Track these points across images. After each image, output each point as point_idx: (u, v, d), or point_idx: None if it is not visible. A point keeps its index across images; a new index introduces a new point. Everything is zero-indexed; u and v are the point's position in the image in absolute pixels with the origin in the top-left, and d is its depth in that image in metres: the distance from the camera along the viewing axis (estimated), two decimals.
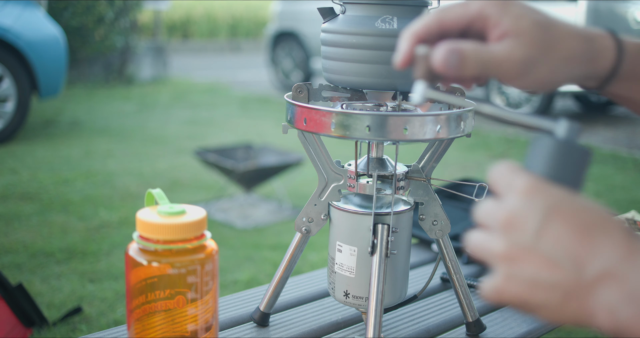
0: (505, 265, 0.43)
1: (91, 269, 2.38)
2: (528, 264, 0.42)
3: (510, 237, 0.43)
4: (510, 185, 0.44)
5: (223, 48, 13.08)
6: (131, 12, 7.51)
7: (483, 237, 0.45)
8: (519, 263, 0.42)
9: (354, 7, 0.82)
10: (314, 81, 7.19)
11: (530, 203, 0.43)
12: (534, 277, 0.42)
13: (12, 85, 4.28)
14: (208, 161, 3.15)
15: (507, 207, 0.43)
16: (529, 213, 0.42)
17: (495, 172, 0.46)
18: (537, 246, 0.42)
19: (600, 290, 0.41)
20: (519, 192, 0.43)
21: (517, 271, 0.43)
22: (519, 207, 0.43)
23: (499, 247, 0.43)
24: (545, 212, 0.42)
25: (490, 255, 0.44)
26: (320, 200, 0.88)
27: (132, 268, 0.68)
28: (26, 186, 3.38)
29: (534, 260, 0.42)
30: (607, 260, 0.41)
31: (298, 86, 0.88)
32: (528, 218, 0.42)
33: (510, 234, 0.43)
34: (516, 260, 0.43)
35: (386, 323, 0.96)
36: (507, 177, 0.45)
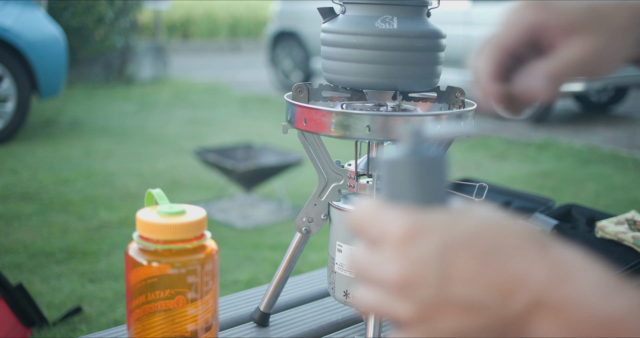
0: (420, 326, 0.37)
1: (91, 269, 2.38)
2: (446, 318, 0.36)
3: (413, 297, 0.36)
4: (383, 233, 0.38)
5: (223, 48, 13.09)
6: (131, 12, 7.51)
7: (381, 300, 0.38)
8: (436, 320, 0.37)
9: (354, 7, 0.82)
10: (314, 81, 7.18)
11: (418, 250, 0.36)
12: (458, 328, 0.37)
13: (12, 85, 4.28)
14: (208, 161, 3.15)
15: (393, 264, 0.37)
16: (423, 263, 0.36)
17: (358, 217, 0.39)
18: (448, 295, 0.36)
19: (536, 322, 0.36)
20: (398, 241, 0.37)
21: (437, 327, 0.37)
22: (408, 260, 0.36)
23: (405, 310, 0.37)
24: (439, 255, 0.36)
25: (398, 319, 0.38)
26: (320, 200, 0.88)
27: (132, 268, 0.68)
28: (26, 186, 3.38)
29: (450, 311, 0.36)
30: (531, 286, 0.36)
31: (298, 86, 0.88)
32: (424, 269, 0.36)
33: (411, 293, 0.36)
34: (430, 318, 0.37)
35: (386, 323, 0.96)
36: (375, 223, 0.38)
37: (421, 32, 0.80)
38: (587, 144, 4.94)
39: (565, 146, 4.82)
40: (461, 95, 0.88)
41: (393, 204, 0.39)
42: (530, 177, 3.91)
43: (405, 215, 0.37)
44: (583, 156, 4.54)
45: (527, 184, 3.65)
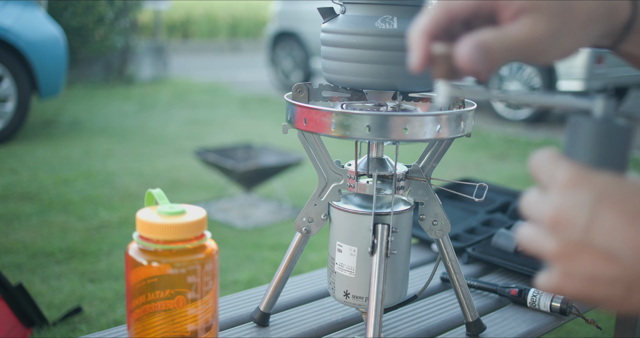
0: (560, 263, 0.41)
1: (91, 269, 2.38)
2: (584, 261, 0.40)
3: (561, 235, 0.41)
4: (552, 177, 0.42)
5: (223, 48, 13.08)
6: (131, 12, 7.51)
7: (533, 234, 0.43)
8: (574, 260, 0.41)
9: (354, 7, 0.82)
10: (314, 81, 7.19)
11: (575, 196, 0.40)
12: (592, 273, 0.40)
13: (12, 85, 4.28)
14: (208, 161, 3.15)
15: (552, 203, 0.41)
16: (576, 207, 0.40)
17: (536, 162, 0.44)
18: (590, 241, 0.40)
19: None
20: (561, 185, 0.41)
21: (574, 268, 0.41)
22: (564, 202, 0.41)
23: (550, 245, 0.41)
24: (592, 204, 0.40)
25: (543, 253, 0.42)
26: (320, 200, 0.88)
27: (132, 268, 0.68)
28: (26, 186, 3.38)
29: (589, 255, 0.40)
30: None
31: (298, 86, 0.88)
32: (575, 213, 0.40)
33: (560, 231, 0.41)
34: (571, 258, 0.41)
35: (386, 323, 0.96)
36: (548, 168, 0.43)
37: None
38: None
39: None
40: None
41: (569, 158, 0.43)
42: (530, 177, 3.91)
43: (576, 166, 0.42)
44: None
45: (527, 184, 3.65)
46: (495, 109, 5.86)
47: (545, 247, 0.42)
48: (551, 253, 0.41)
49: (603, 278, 0.40)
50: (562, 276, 0.41)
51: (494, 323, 0.98)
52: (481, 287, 1.09)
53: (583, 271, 0.40)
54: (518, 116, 5.73)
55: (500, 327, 0.97)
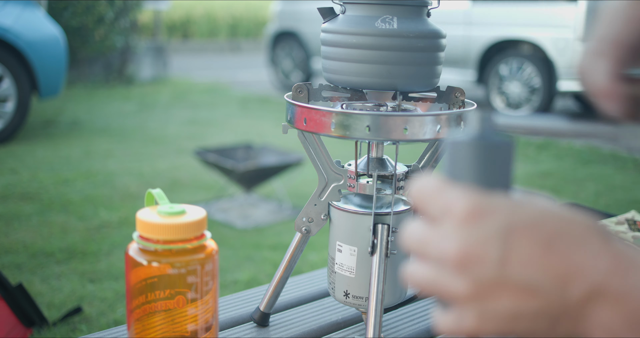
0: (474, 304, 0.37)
1: (91, 269, 2.38)
2: (502, 298, 0.37)
3: (471, 274, 0.37)
4: (445, 209, 0.38)
5: (223, 48, 13.09)
6: (131, 12, 7.51)
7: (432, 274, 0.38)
8: (491, 299, 0.37)
9: (354, 7, 0.82)
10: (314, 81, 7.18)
11: (481, 229, 0.37)
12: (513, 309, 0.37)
13: (12, 85, 4.28)
14: (208, 161, 3.15)
15: (453, 240, 0.37)
16: (484, 242, 0.36)
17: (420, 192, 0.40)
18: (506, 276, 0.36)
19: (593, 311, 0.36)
20: (461, 219, 0.37)
21: (491, 308, 0.37)
22: (470, 238, 0.37)
23: (460, 287, 0.37)
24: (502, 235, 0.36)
25: (451, 295, 0.38)
26: (320, 200, 0.88)
27: (132, 268, 0.68)
28: (26, 186, 3.38)
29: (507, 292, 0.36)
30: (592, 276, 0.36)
31: (298, 86, 0.88)
32: (485, 248, 0.36)
33: (470, 271, 0.37)
34: (486, 297, 0.37)
35: (386, 323, 0.96)
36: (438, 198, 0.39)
37: (421, 32, 0.80)
38: (587, 144, 4.94)
39: (565, 146, 4.82)
40: (461, 95, 0.88)
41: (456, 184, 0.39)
42: (530, 177, 3.91)
43: (471, 194, 0.37)
44: (583, 156, 4.54)
45: (527, 184, 3.65)
46: (495, 109, 5.86)
47: (454, 289, 0.37)
48: (462, 295, 0.37)
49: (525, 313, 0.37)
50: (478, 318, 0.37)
51: None
52: None
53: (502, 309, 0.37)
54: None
55: None
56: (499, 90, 5.84)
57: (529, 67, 5.62)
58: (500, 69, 5.80)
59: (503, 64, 5.79)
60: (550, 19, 5.48)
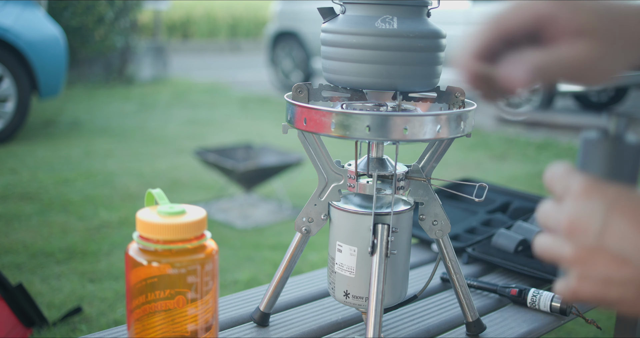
0: (576, 268, 0.44)
1: (91, 269, 2.38)
2: (598, 264, 0.43)
3: (576, 241, 0.44)
4: (566, 188, 0.46)
5: (223, 48, 13.08)
6: (131, 12, 7.50)
7: (550, 241, 0.46)
8: (590, 264, 0.44)
9: (354, 7, 0.82)
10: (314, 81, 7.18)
11: (589, 204, 0.44)
12: (605, 276, 0.43)
13: (12, 85, 4.27)
14: (208, 161, 3.15)
15: (567, 211, 0.45)
16: (589, 215, 0.44)
17: (551, 175, 0.47)
18: (603, 246, 0.43)
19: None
20: (576, 195, 0.45)
21: (589, 272, 0.44)
22: (578, 210, 0.44)
23: (567, 251, 0.44)
24: (604, 211, 0.43)
25: (560, 259, 0.45)
26: (320, 200, 0.88)
27: (132, 268, 0.68)
28: (26, 186, 3.38)
29: (603, 259, 0.43)
30: None
31: (298, 86, 0.88)
32: (589, 220, 0.43)
33: (575, 238, 0.44)
34: (586, 262, 0.44)
35: (386, 323, 0.96)
36: (562, 180, 0.46)
37: (421, 32, 0.81)
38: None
39: (565, 146, 4.82)
40: (461, 95, 0.88)
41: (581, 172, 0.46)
42: (530, 177, 3.91)
43: (589, 177, 0.45)
44: None
45: (527, 184, 3.65)
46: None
47: (562, 253, 0.45)
48: (568, 258, 0.44)
49: (616, 280, 0.43)
50: (579, 280, 0.44)
51: (494, 323, 0.98)
52: (481, 287, 1.09)
53: (598, 274, 0.43)
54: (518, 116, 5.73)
55: (500, 327, 0.97)
56: None
57: None
58: None
59: None
60: None
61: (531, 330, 0.97)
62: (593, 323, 1.02)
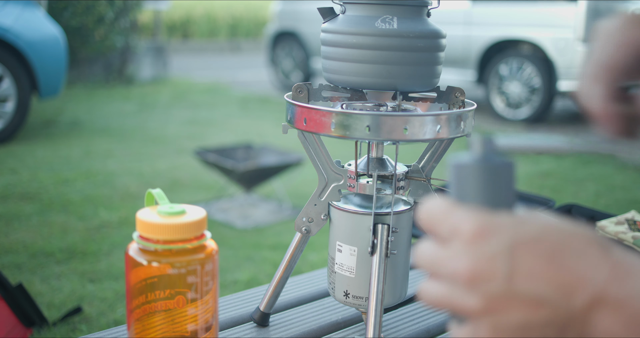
0: (487, 318, 0.40)
1: (91, 269, 2.38)
2: (512, 311, 0.39)
3: (481, 290, 0.39)
4: (453, 229, 0.40)
5: (223, 48, 13.08)
6: (131, 12, 7.51)
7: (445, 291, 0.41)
8: (502, 312, 0.39)
9: (354, 7, 0.82)
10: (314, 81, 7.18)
11: (488, 247, 0.39)
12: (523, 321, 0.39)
13: (12, 85, 4.28)
14: (208, 161, 3.15)
15: (463, 258, 0.40)
16: (492, 258, 0.39)
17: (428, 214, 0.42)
18: (515, 289, 0.39)
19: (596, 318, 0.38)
20: (469, 238, 0.40)
21: (503, 320, 0.39)
22: (478, 255, 0.39)
23: (473, 303, 0.40)
24: (508, 252, 0.39)
25: (464, 310, 0.40)
26: (320, 200, 0.88)
27: (132, 268, 0.68)
28: (26, 186, 3.38)
29: (516, 304, 0.39)
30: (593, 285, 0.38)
31: (298, 86, 0.88)
32: (493, 264, 0.39)
33: (480, 287, 0.39)
34: (497, 311, 0.39)
35: (386, 323, 0.96)
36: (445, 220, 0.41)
37: (421, 32, 0.80)
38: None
39: None
40: (461, 95, 0.88)
41: (462, 205, 0.41)
42: (530, 177, 3.91)
43: (476, 215, 0.40)
44: (583, 156, 4.54)
45: (527, 184, 3.65)
46: (495, 109, 5.86)
47: (467, 305, 0.40)
48: (475, 309, 0.40)
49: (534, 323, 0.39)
50: (492, 330, 0.40)
51: None
52: None
53: (513, 321, 0.39)
54: (518, 116, 5.73)
55: None
56: (499, 90, 5.84)
57: (529, 67, 5.62)
58: (500, 69, 5.80)
59: (503, 64, 5.79)
60: (550, 19, 5.48)
61: None
62: None
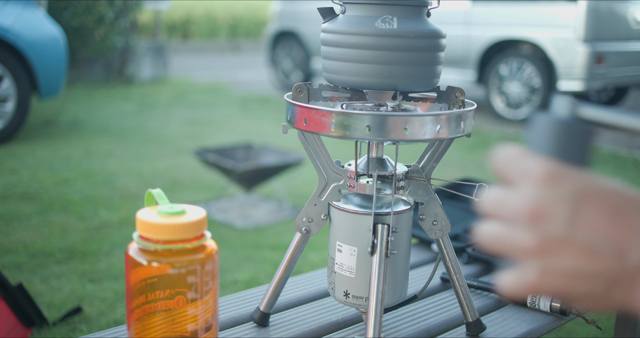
0: (538, 259, 0.40)
1: (91, 269, 2.38)
2: (565, 256, 0.39)
3: (540, 229, 0.39)
4: (524, 172, 0.41)
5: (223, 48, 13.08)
6: (131, 12, 7.50)
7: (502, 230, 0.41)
8: (555, 255, 0.39)
9: (354, 7, 0.82)
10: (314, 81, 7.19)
11: (556, 190, 0.40)
12: (573, 268, 0.39)
13: (12, 85, 4.27)
14: (208, 161, 3.15)
15: (528, 196, 0.40)
16: (557, 201, 0.39)
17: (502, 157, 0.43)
18: (573, 235, 0.39)
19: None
20: (538, 179, 0.40)
21: (554, 264, 0.39)
22: (544, 196, 0.40)
23: (527, 240, 0.40)
24: (574, 199, 0.39)
25: (516, 249, 0.40)
26: (320, 200, 0.88)
27: (132, 268, 0.68)
28: (26, 186, 3.38)
29: (571, 250, 0.39)
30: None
31: (298, 86, 0.88)
32: (557, 206, 0.39)
33: (539, 226, 0.39)
34: (551, 253, 0.39)
35: (386, 323, 0.96)
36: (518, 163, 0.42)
37: (421, 32, 0.81)
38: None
39: None
40: (461, 95, 0.88)
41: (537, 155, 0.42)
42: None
43: (549, 162, 0.41)
44: None
45: None
46: (495, 109, 5.86)
47: (521, 243, 0.40)
48: (528, 248, 0.40)
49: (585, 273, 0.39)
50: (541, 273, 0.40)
51: (494, 323, 0.98)
52: (481, 287, 1.09)
53: (564, 266, 0.39)
54: (518, 116, 5.73)
55: (500, 327, 0.97)
56: (499, 90, 5.84)
57: (529, 67, 5.62)
58: (500, 69, 5.80)
59: (503, 64, 5.79)
60: (550, 19, 5.48)
61: (531, 330, 0.97)
62: (593, 323, 1.02)
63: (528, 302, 1.03)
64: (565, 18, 5.36)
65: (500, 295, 0.43)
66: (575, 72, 5.34)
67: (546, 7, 5.52)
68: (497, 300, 1.07)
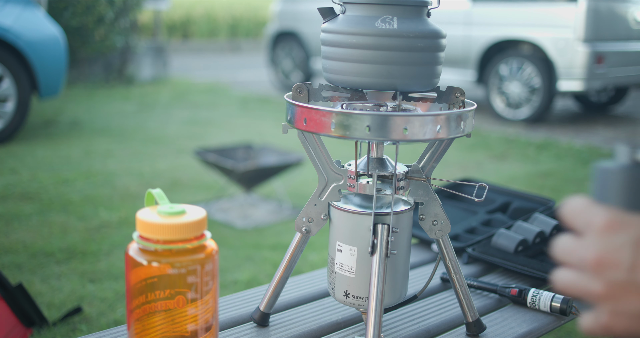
0: (608, 303, 0.44)
1: (91, 269, 2.38)
2: (631, 299, 0.43)
3: (606, 276, 0.43)
4: (589, 222, 0.45)
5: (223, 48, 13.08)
6: (131, 12, 7.50)
7: (575, 277, 0.45)
8: (622, 299, 0.43)
9: (354, 7, 0.82)
10: (314, 81, 7.19)
11: (616, 238, 0.43)
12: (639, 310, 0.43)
13: (12, 85, 4.27)
14: (208, 161, 3.15)
15: (593, 247, 0.44)
16: (618, 249, 0.43)
17: (570, 209, 0.47)
18: (635, 280, 0.42)
19: None
20: (600, 230, 0.44)
21: (622, 307, 0.43)
22: (606, 245, 0.43)
23: (595, 287, 0.44)
24: (632, 245, 0.43)
25: (589, 295, 0.44)
26: (320, 200, 0.88)
27: (132, 268, 0.68)
28: (26, 186, 3.38)
29: (635, 294, 0.43)
30: None
31: (298, 86, 0.88)
32: (618, 254, 0.43)
33: (605, 273, 0.43)
34: (618, 297, 0.43)
35: (386, 323, 0.96)
36: (583, 214, 0.45)
37: (421, 32, 0.81)
38: (587, 144, 4.94)
39: (565, 146, 4.82)
40: (461, 95, 0.88)
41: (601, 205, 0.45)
42: (530, 177, 3.91)
43: (610, 211, 0.44)
44: (583, 156, 4.54)
45: (527, 184, 3.65)
46: (495, 109, 5.86)
47: (591, 289, 0.44)
48: (598, 294, 0.44)
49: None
50: (611, 316, 0.44)
51: (494, 323, 0.98)
52: (481, 287, 1.09)
53: (631, 309, 0.43)
54: (518, 116, 5.73)
55: (500, 327, 0.97)
56: (499, 90, 5.84)
57: (529, 67, 5.62)
58: (500, 69, 5.80)
59: (503, 64, 5.79)
60: (550, 19, 5.48)
61: (531, 330, 0.97)
62: None
63: (528, 302, 1.03)
64: (565, 18, 5.36)
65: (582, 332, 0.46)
66: (575, 72, 5.34)
67: (546, 7, 5.52)
68: (497, 300, 1.07)
